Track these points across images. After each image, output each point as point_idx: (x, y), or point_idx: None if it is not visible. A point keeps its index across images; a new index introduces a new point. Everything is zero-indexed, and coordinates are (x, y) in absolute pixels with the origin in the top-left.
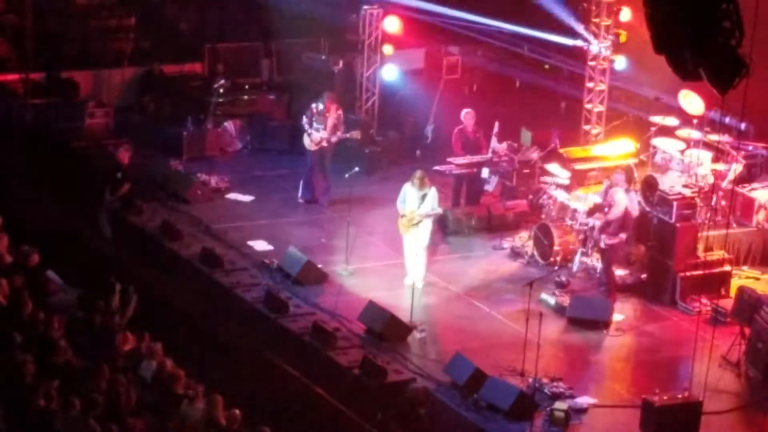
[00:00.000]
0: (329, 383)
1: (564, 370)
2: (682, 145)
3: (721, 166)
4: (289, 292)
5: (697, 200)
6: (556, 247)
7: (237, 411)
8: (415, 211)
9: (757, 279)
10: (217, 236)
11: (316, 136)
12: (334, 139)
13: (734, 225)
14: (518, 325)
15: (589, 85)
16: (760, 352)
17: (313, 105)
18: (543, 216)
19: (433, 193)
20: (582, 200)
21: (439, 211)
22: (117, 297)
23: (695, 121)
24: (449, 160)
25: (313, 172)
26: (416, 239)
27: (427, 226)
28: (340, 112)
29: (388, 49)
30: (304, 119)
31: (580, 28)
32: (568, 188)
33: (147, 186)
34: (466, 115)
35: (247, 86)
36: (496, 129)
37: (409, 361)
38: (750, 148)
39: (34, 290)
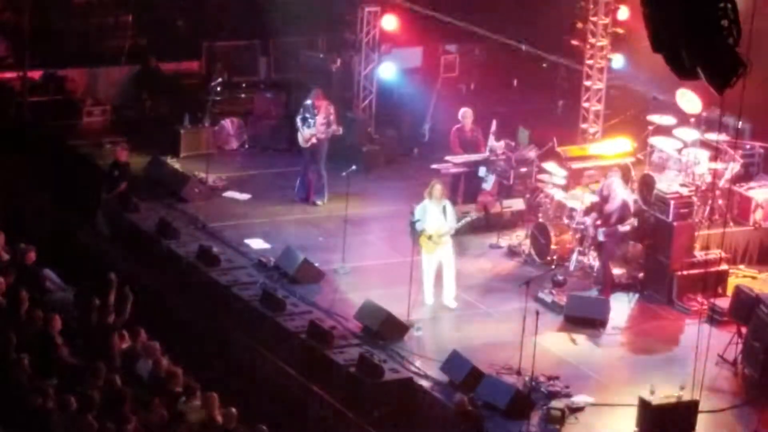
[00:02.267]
0: (326, 381)
1: (561, 369)
2: (680, 144)
3: (718, 165)
4: (285, 290)
5: (695, 199)
6: (553, 246)
7: (233, 409)
8: (444, 227)
9: (754, 278)
10: (214, 234)
11: (306, 133)
12: (321, 136)
13: (731, 224)
14: (515, 323)
15: (587, 83)
16: (757, 350)
17: (306, 102)
18: (540, 215)
19: (449, 204)
20: (579, 199)
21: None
22: (113, 293)
23: (693, 120)
24: (446, 158)
25: (307, 170)
26: (444, 257)
27: (450, 243)
28: (330, 108)
29: (385, 47)
30: (298, 117)
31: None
32: (565, 187)
33: (144, 184)
34: (464, 113)
35: (244, 84)
36: (493, 127)
37: (406, 359)
38: (747, 147)
39: (31, 288)
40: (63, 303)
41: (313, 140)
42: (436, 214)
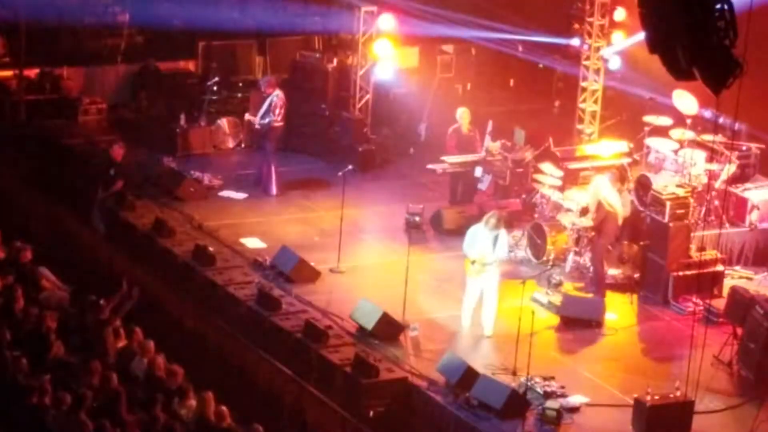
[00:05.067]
0: (321, 381)
1: (556, 369)
2: (676, 145)
3: (714, 166)
4: (281, 289)
5: (691, 200)
6: (549, 246)
7: (224, 408)
8: (490, 255)
9: (750, 279)
10: (209, 234)
11: (252, 121)
12: (258, 125)
13: (727, 225)
14: (510, 323)
15: (583, 84)
16: (753, 351)
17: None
18: (536, 215)
19: (504, 233)
20: (575, 200)
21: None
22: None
23: (689, 120)
24: (442, 158)
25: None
26: (487, 284)
27: (496, 271)
28: (276, 96)
29: (382, 47)
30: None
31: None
32: (561, 188)
33: (140, 183)
34: (461, 114)
35: (240, 84)
36: (489, 128)
37: (401, 359)
38: (743, 148)
39: (27, 286)
40: (59, 301)
41: (257, 128)
42: (485, 241)
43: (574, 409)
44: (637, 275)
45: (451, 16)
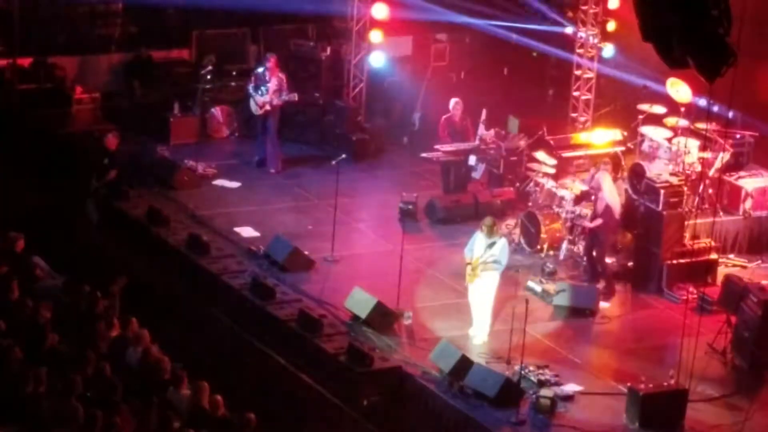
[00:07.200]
0: (315, 370)
1: (550, 358)
2: (670, 133)
3: (708, 155)
4: (275, 278)
5: (684, 188)
6: (542, 235)
7: (219, 397)
8: (480, 258)
9: (744, 267)
10: (203, 222)
11: (260, 100)
12: (276, 102)
13: (721, 213)
14: (504, 312)
15: (577, 72)
16: (746, 340)
17: (257, 69)
18: (530, 204)
19: (502, 243)
20: (569, 188)
21: (502, 266)
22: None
23: (683, 109)
24: (436, 147)
25: (261, 137)
26: (480, 290)
27: (494, 278)
28: (282, 75)
29: (376, 35)
30: (250, 84)
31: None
32: (555, 176)
33: (134, 172)
34: (455, 105)
35: (234, 72)
36: (483, 116)
37: (395, 347)
38: (737, 136)
39: (21, 276)
40: (52, 290)
41: (267, 107)
42: (482, 246)
43: (568, 398)
44: (630, 264)
45: (445, 4)
